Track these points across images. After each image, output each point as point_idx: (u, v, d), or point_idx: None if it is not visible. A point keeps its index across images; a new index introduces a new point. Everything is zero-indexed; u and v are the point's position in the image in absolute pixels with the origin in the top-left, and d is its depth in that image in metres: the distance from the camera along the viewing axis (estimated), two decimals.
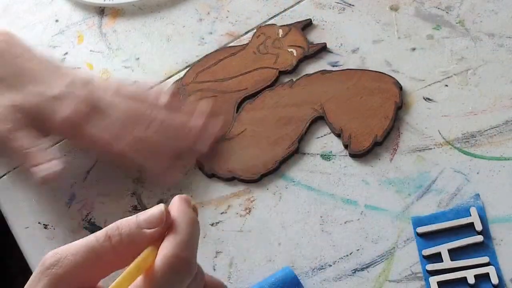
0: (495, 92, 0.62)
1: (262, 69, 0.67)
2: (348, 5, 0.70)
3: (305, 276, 0.56)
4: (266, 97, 0.65)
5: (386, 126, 0.61)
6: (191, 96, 0.66)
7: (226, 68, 0.67)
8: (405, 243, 0.56)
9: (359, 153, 0.60)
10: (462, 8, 0.68)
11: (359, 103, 0.63)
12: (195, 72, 0.67)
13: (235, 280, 0.57)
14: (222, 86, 0.66)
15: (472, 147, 0.59)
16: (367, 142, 0.60)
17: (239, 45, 0.69)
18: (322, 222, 0.58)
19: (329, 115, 0.62)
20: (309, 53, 0.67)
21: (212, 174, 0.61)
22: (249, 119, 0.64)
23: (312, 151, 0.62)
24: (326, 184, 0.60)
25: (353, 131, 0.61)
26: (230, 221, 0.59)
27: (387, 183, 0.59)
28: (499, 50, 0.64)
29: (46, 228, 0.61)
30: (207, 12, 0.73)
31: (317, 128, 0.63)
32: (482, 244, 0.55)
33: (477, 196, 0.57)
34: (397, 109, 0.62)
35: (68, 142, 0.65)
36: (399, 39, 0.67)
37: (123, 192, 0.62)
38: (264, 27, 0.69)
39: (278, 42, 0.68)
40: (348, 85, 0.64)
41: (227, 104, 0.65)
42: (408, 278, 0.54)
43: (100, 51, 0.72)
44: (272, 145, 0.62)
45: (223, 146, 0.62)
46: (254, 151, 0.62)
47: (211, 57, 0.68)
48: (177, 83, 0.67)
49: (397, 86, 0.63)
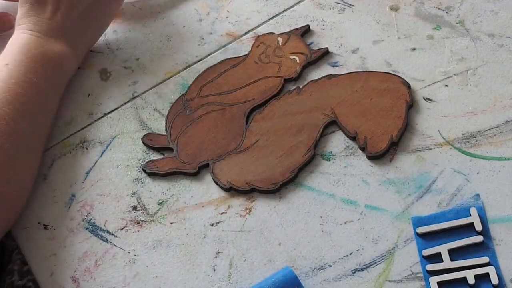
0: (495, 92, 0.62)
1: (267, 79, 0.66)
2: (348, 5, 0.70)
3: (305, 276, 0.56)
4: (275, 106, 0.65)
5: (400, 126, 0.61)
6: (198, 110, 0.65)
7: (229, 80, 0.67)
8: (405, 243, 0.56)
9: (377, 155, 0.60)
10: (462, 8, 0.68)
11: (370, 105, 0.63)
12: (198, 87, 0.67)
13: (235, 280, 0.57)
14: (228, 98, 0.66)
15: (472, 147, 0.59)
16: (384, 143, 0.60)
17: (239, 56, 0.69)
18: (322, 222, 0.58)
19: (341, 119, 0.62)
20: (312, 59, 0.67)
21: (230, 188, 0.61)
22: (260, 129, 0.64)
23: None
24: (326, 184, 0.60)
25: (368, 133, 0.61)
26: (230, 221, 0.59)
27: (387, 183, 0.59)
28: (499, 50, 0.65)
29: (46, 228, 0.61)
30: (207, 12, 0.73)
31: None
32: (482, 244, 0.55)
33: (477, 196, 0.57)
34: (409, 108, 0.62)
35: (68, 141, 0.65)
36: (399, 39, 0.67)
37: (123, 192, 0.63)
38: (263, 36, 0.69)
39: (279, 50, 0.68)
40: (356, 88, 0.64)
41: (236, 116, 0.65)
42: (408, 278, 0.54)
43: (100, 51, 0.72)
44: (287, 153, 0.61)
45: (238, 159, 0.62)
46: (269, 161, 0.61)
47: (212, 70, 0.68)
48: (181, 99, 0.67)
49: (405, 85, 0.63)
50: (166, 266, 0.58)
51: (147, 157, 0.64)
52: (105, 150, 0.65)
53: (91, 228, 0.61)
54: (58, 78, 0.66)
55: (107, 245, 0.60)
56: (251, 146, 0.63)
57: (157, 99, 0.68)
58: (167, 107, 0.67)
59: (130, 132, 0.66)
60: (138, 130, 0.66)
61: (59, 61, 0.65)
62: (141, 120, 0.67)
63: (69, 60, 0.66)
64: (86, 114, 0.68)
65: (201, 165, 0.62)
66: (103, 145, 0.66)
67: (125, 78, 0.70)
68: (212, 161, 0.62)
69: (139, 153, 0.65)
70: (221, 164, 0.62)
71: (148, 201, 0.62)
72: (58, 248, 0.60)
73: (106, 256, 0.59)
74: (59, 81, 0.67)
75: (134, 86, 0.69)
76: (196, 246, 0.59)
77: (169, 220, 0.60)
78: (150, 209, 0.61)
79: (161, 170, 0.63)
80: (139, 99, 0.68)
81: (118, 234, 0.60)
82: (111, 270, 0.59)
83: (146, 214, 0.61)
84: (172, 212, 0.61)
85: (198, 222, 0.60)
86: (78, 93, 0.69)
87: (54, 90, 0.66)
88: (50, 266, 0.59)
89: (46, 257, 0.60)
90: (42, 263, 0.60)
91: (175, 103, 0.67)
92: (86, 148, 0.66)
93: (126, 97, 0.69)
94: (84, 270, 0.59)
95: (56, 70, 0.65)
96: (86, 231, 0.61)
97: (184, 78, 0.69)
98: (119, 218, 0.61)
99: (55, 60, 0.65)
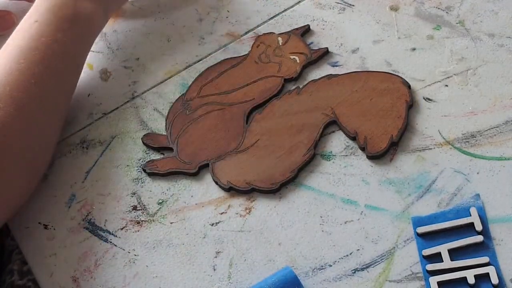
0: (495, 92, 0.62)
1: (267, 78, 0.66)
2: (348, 5, 0.70)
3: (305, 276, 0.56)
4: (275, 106, 0.65)
5: (400, 126, 0.61)
6: (198, 110, 0.65)
7: (229, 80, 0.67)
8: (405, 243, 0.56)
9: (377, 155, 0.60)
10: (462, 8, 0.68)
11: (370, 105, 0.63)
12: (198, 86, 0.67)
13: (235, 280, 0.57)
14: (228, 98, 0.66)
15: (472, 147, 0.59)
16: (384, 143, 0.60)
17: (239, 56, 0.69)
18: (322, 222, 0.58)
19: (341, 119, 0.62)
20: (312, 59, 0.67)
21: (230, 188, 0.61)
22: (260, 129, 0.63)
23: None
24: (326, 184, 0.60)
25: (368, 133, 0.61)
26: (230, 221, 0.59)
27: (387, 183, 0.59)
28: (499, 50, 0.65)
29: (46, 228, 0.61)
30: (207, 12, 0.73)
31: None
32: (482, 244, 0.55)
33: (477, 196, 0.57)
34: (409, 108, 0.62)
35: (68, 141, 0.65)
36: (399, 39, 0.67)
37: (123, 192, 0.63)
38: (263, 36, 0.69)
39: (279, 50, 0.68)
40: (356, 87, 0.64)
41: (236, 116, 0.65)
42: (408, 278, 0.54)
43: (100, 51, 0.72)
44: (287, 153, 0.61)
45: (238, 159, 0.62)
46: (269, 161, 0.61)
47: (212, 70, 0.68)
48: (181, 99, 0.67)
49: (405, 85, 0.63)
50: (166, 266, 0.58)
51: (147, 157, 0.64)
52: (105, 150, 0.65)
53: (91, 228, 0.61)
54: (87, 38, 0.66)
55: (107, 245, 0.60)
56: (251, 146, 0.63)
57: (157, 99, 0.68)
58: (167, 107, 0.67)
59: (130, 132, 0.66)
60: (138, 130, 0.66)
61: (89, 21, 0.64)
62: (141, 120, 0.67)
63: (99, 19, 0.66)
64: (86, 114, 0.68)
65: (201, 165, 0.62)
66: (103, 145, 0.66)
67: (125, 78, 0.70)
68: (212, 161, 0.62)
69: (139, 153, 0.65)
70: (221, 164, 0.62)
71: (148, 201, 0.62)
72: (58, 248, 0.60)
73: (106, 256, 0.59)
74: (88, 41, 0.66)
75: (134, 86, 0.69)
76: (196, 246, 0.59)
77: (169, 220, 0.60)
78: (150, 209, 0.61)
79: (161, 170, 0.63)
80: (139, 99, 0.68)
81: (118, 234, 0.60)
82: (111, 270, 0.59)
83: (146, 214, 0.61)
84: (172, 212, 0.61)
85: (198, 222, 0.60)
86: (78, 93, 0.69)
87: (82, 51, 0.65)
88: (50, 266, 0.59)
89: (46, 257, 0.60)
90: (42, 263, 0.60)
91: (175, 103, 0.67)
92: (86, 148, 0.66)
93: (126, 97, 0.69)
94: (84, 270, 0.59)
95: (86, 29, 0.65)
96: (86, 231, 0.61)
97: (184, 78, 0.69)
98: (119, 218, 0.61)
99: (85, 21, 0.64)
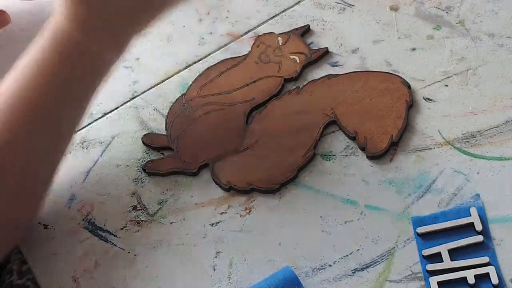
0: (495, 92, 0.62)
1: (267, 78, 0.66)
2: (348, 5, 0.70)
3: (305, 276, 0.56)
4: (275, 106, 0.65)
5: (400, 126, 0.61)
6: (198, 110, 0.65)
7: (229, 80, 0.67)
8: (405, 243, 0.56)
9: (377, 155, 0.60)
10: (462, 8, 0.68)
11: (370, 105, 0.63)
12: (198, 86, 0.67)
13: (235, 280, 0.57)
14: (228, 98, 0.66)
15: (472, 147, 0.59)
16: (384, 143, 0.60)
17: (239, 56, 0.69)
18: (322, 222, 0.58)
19: (341, 119, 0.62)
20: (312, 59, 0.67)
21: (230, 188, 0.61)
22: (260, 129, 0.63)
23: None
24: (326, 184, 0.60)
25: (368, 133, 0.61)
26: (230, 221, 0.59)
27: (387, 183, 0.59)
28: (499, 50, 0.65)
29: (46, 228, 0.61)
30: (207, 12, 0.73)
31: None
32: (482, 244, 0.54)
33: (477, 196, 0.57)
34: (409, 108, 0.62)
35: None
36: (399, 39, 0.67)
37: (123, 192, 0.62)
38: (263, 36, 0.69)
39: (279, 50, 0.68)
40: (356, 87, 0.64)
41: (236, 116, 0.64)
42: (408, 278, 0.54)
43: None
44: (287, 153, 0.61)
45: (238, 159, 0.62)
46: (270, 161, 0.61)
47: (212, 69, 0.68)
48: (181, 99, 0.67)
49: (405, 85, 0.63)
50: (166, 266, 0.58)
51: (147, 157, 0.64)
52: (105, 150, 0.65)
53: (91, 228, 0.61)
54: (98, 78, 0.58)
55: (107, 245, 0.60)
56: (251, 146, 0.63)
57: (157, 99, 0.68)
58: (167, 107, 0.67)
59: (130, 132, 0.66)
60: (138, 130, 0.66)
61: (99, 63, 0.57)
62: (141, 120, 0.67)
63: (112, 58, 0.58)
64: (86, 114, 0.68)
65: (201, 165, 0.62)
66: (103, 145, 0.66)
67: (125, 78, 0.70)
68: (212, 161, 0.62)
69: (139, 153, 0.65)
70: (221, 164, 0.62)
71: (148, 201, 0.62)
72: (58, 248, 0.60)
73: (106, 256, 0.59)
74: (98, 80, 0.58)
75: (134, 86, 0.69)
76: (196, 246, 0.59)
77: (169, 220, 0.60)
78: (150, 209, 0.61)
79: (161, 170, 0.63)
80: (139, 99, 0.68)
81: (118, 234, 0.60)
82: (111, 270, 0.59)
83: (146, 214, 0.61)
84: (172, 212, 0.61)
85: (198, 222, 0.60)
86: None
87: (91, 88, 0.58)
88: (50, 266, 0.59)
89: (46, 257, 0.60)
90: (42, 263, 0.60)
91: (175, 103, 0.67)
92: (86, 148, 0.66)
93: (126, 97, 0.69)
94: (84, 270, 0.59)
95: (95, 70, 0.57)
96: (86, 231, 0.61)
97: (184, 78, 0.69)
98: (119, 218, 0.61)
99: (95, 62, 0.57)
